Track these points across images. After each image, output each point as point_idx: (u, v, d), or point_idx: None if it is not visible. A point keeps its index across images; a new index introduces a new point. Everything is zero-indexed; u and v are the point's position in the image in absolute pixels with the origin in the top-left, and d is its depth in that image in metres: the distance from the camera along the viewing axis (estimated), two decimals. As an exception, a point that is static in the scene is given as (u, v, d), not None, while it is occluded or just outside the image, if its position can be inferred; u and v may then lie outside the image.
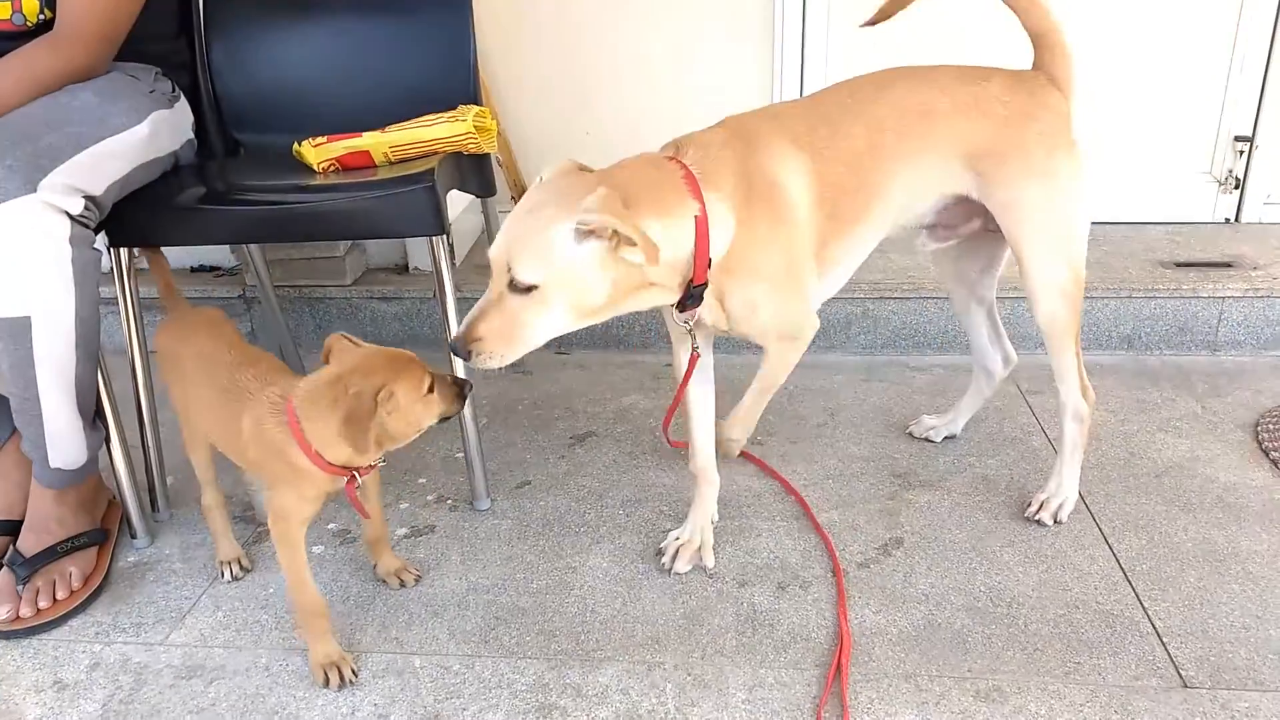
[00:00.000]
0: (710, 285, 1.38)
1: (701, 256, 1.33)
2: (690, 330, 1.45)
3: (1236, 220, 2.66)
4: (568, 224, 1.24)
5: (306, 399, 1.31)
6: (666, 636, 1.45)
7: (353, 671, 1.40)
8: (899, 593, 1.53)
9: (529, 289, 1.27)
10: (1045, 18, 1.52)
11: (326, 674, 1.38)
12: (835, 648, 1.41)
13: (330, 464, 1.32)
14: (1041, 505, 1.69)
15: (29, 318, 1.39)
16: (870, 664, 1.39)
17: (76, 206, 1.41)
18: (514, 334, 1.31)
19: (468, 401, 1.44)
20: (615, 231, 1.22)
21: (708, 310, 1.43)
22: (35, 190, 1.35)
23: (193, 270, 2.67)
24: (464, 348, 1.30)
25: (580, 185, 1.29)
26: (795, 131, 1.44)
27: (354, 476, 1.36)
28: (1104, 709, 1.29)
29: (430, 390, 1.33)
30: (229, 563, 1.63)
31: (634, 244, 1.22)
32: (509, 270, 1.27)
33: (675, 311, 1.42)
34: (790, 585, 1.56)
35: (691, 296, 1.38)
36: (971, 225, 1.62)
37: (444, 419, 1.39)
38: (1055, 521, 1.67)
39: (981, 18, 1.99)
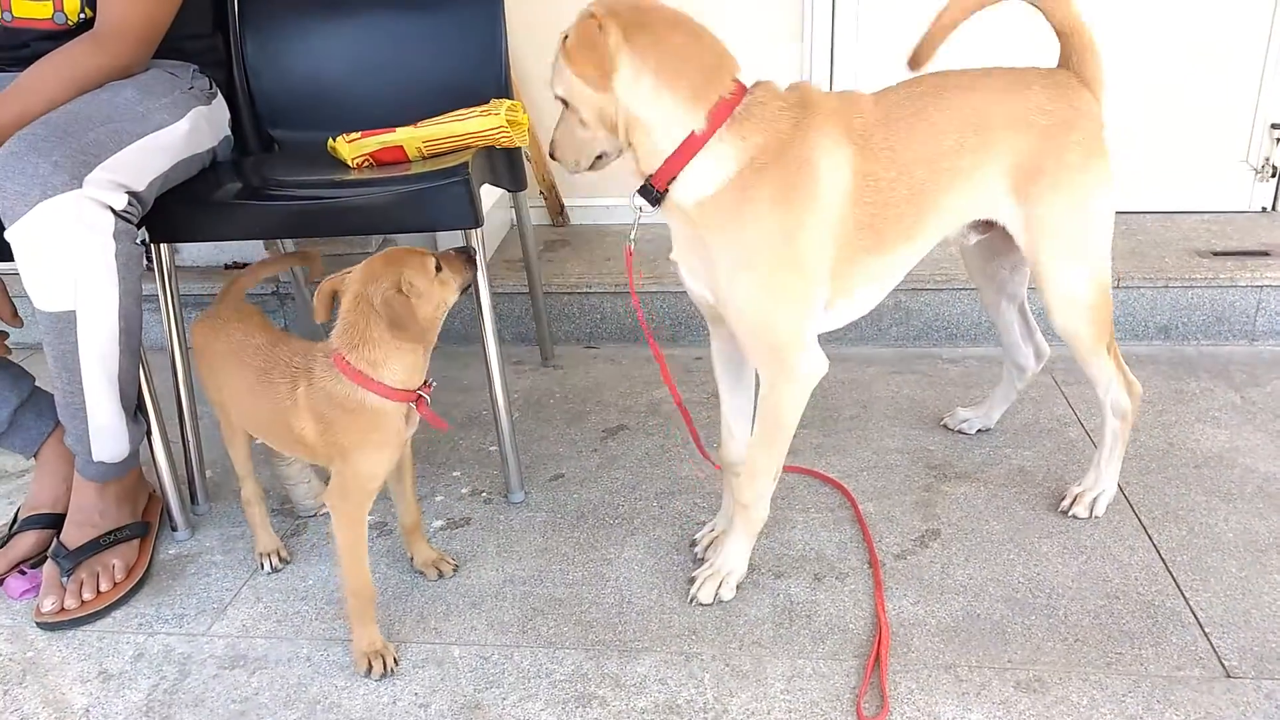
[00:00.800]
0: (696, 221, 1.34)
1: (669, 166, 1.31)
2: (638, 210, 1.42)
3: (1273, 209, 2.63)
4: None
5: (347, 340, 1.34)
6: (703, 627, 1.46)
7: (395, 661, 1.41)
8: (937, 584, 1.52)
9: (565, 102, 1.38)
10: (1072, 14, 1.47)
11: (370, 662, 1.40)
12: (873, 638, 1.41)
13: (396, 389, 1.35)
14: (1076, 499, 1.67)
15: (74, 312, 1.41)
16: (909, 655, 1.38)
17: (120, 202, 1.43)
18: (567, 141, 1.42)
19: (481, 273, 1.51)
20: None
21: (685, 256, 1.43)
22: (81, 186, 1.37)
23: (226, 267, 2.70)
24: (553, 154, 1.47)
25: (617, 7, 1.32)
26: (852, 121, 1.35)
27: (422, 398, 1.40)
28: (1146, 699, 1.28)
29: (439, 269, 1.39)
30: (268, 554, 1.65)
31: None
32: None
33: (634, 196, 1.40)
34: (826, 576, 1.56)
35: (645, 191, 1.36)
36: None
37: (464, 290, 1.45)
38: (1092, 515, 1.66)
39: (1004, 14, 1.98)
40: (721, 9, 2.61)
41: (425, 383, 1.41)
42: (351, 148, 1.76)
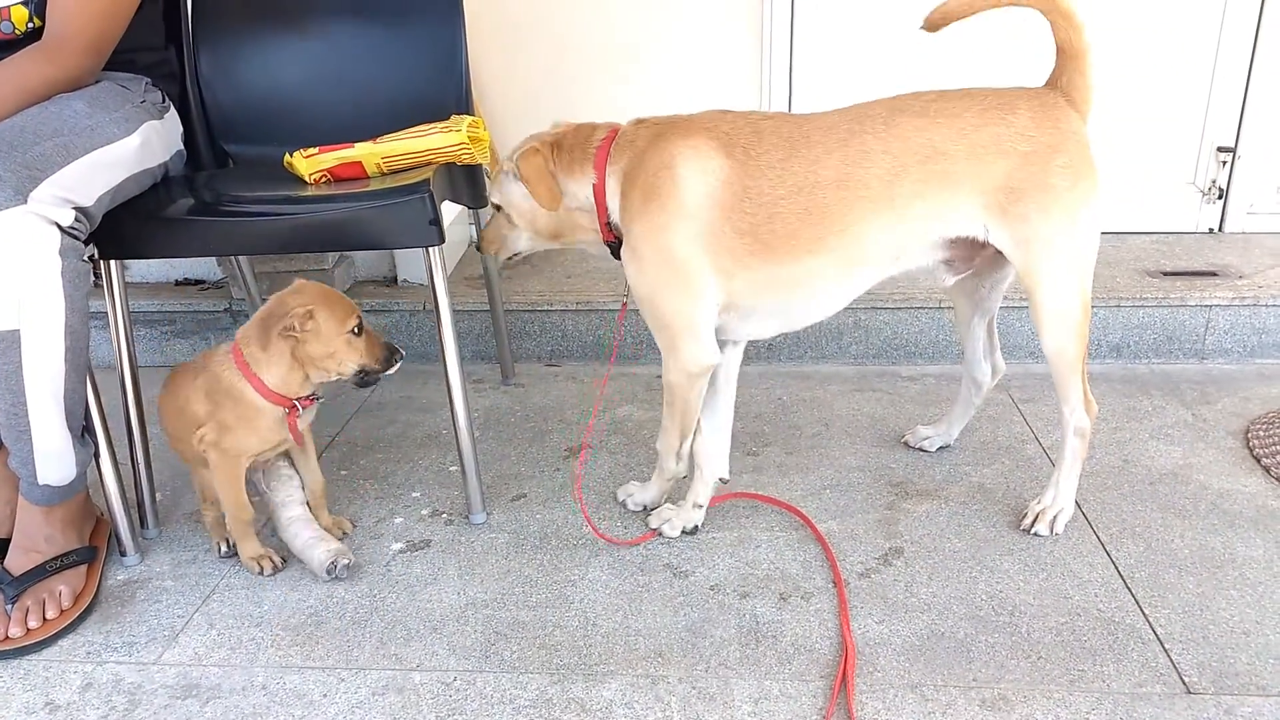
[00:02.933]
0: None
1: (598, 215, 1.60)
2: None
3: (1220, 230, 2.70)
4: (509, 164, 1.62)
5: (247, 333, 1.54)
6: (669, 649, 1.44)
7: (281, 560, 1.64)
8: (901, 602, 1.53)
9: (499, 208, 1.68)
10: (1078, 37, 1.47)
11: (259, 563, 1.62)
12: (839, 658, 1.41)
13: (273, 391, 1.53)
14: (1037, 517, 1.68)
15: (18, 331, 1.37)
16: (875, 674, 1.38)
17: (67, 218, 1.38)
18: (497, 239, 1.71)
19: (395, 368, 1.61)
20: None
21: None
22: (25, 201, 1.33)
23: (177, 284, 2.64)
24: (479, 245, 1.77)
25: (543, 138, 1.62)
26: (733, 136, 1.51)
27: (295, 407, 1.57)
28: (1109, 716, 1.29)
29: (356, 334, 1.54)
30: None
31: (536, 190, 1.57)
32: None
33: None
34: (792, 596, 1.55)
35: (612, 247, 1.63)
36: (987, 253, 1.59)
37: (365, 377, 1.58)
38: (1052, 533, 1.67)
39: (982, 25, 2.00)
40: (684, 21, 2.64)
41: (310, 396, 1.59)
42: (309, 163, 1.73)
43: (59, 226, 1.37)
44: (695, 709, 1.33)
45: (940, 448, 1.97)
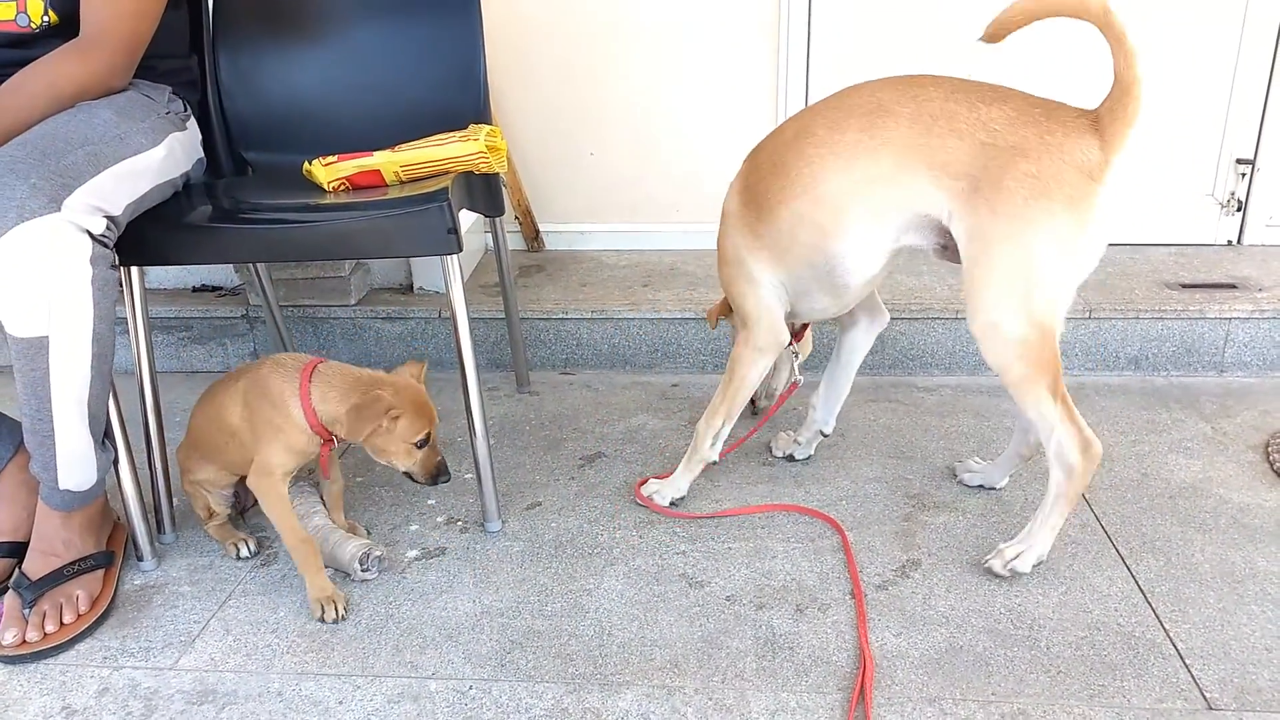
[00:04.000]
0: None
1: None
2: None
3: (1238, 242, 2.68)
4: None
5: (329, 373, 1.57)
6: (685, 660, 1.44)
7: (345, 608, 1.56)
8: (919, 615, 1.52)
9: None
10: (1128, 66, 1.36)
11: (323, 606, 1.54)
12: (857, 671, 1.40)
13: (315, 419, 1.56)
14: (997, 553, 1.60)
15: (47, 338, 1.37)
16: (893, 687, 1.37)
17: (99, 226, 1.39)
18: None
19: (438, 484, 1.63)
20: None
21: None
22: (59, 209, 1.33)
23: (194, 290, 2.66)
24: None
25: None
26: (755, 145, 1.69)
27: (333, 441, 1.59)
28: (1131, 732, 1.28)
29: (420, 446, 1.58)
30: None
31: None
32: None
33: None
34: (808, 608, 1.54)
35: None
36: None
37: (410, 475, 1.61)
38: (1007, 571, 1.57)
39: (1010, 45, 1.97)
40: (699, 30, 2.64)
41: (343, 440, 1.60)
42: (328, 171, 1.74)
43: (90, 234, 1.38)
44: (712, 720, 1.32)
45: (979, 485, 1.87)
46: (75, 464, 1.50)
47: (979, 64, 2.46)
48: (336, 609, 1.54)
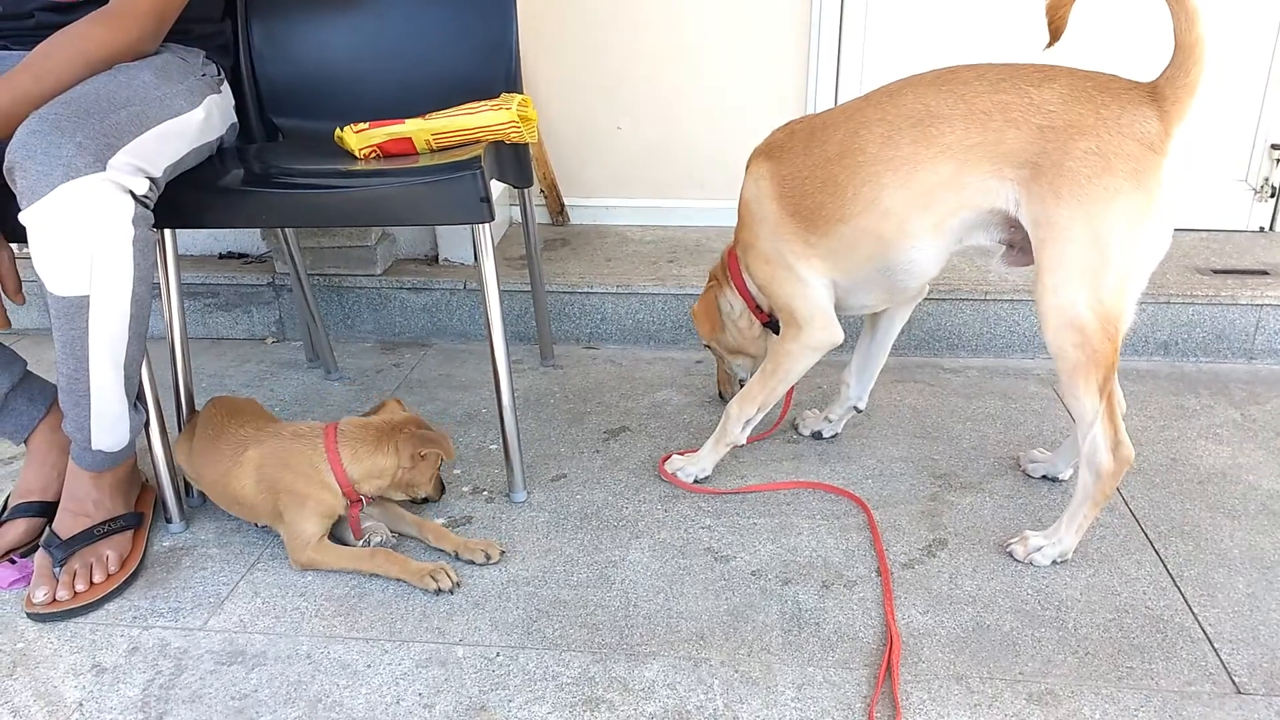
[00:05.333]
0: None
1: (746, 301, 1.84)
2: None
3: (1271, 229, 2.64)
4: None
5: (350, 432, 1.61)
6: (711, 633, 1.44)
7: (452, 573, 1.55)
8: (945, 594, 1.51)
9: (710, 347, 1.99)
10: (1190, 27, 1.30)
11: (435, 579, 1.53)
12: (883, 648, 1.40)
13: (347, 481, 1.58)
14: (1022, 539, 1.59)
15: (88, 297, 1.37)
16: (920, 665, 1.37)
17: (142, 187, 1.39)
18: (726, 378, 2.07)
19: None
20: None
21: None
22: (104, 169, 1.33)
23: (220, 257, 2.66)
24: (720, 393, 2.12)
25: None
26: (774, 141, 1.68)
27: (361, 502, 1.62)
28: (1159, 714, 1.28)
29: (432, 478, 1.68)
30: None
31: None
32: None
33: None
34: (834, 584, 1.54)
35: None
36: None
37: (427, 498, 1.71)
38: (1029, 561, 1.57)
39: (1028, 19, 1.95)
40: (729, 3, 2.61)
41: (371, 499, 1.65)
42: (359, 138, 1.73)
43: (133, 195, 1.38)
44: (738, 692, 1.32)
45: (1043, 476, 1.82)
46: (109, 424, 1.51)
47: (1016, 28, 2.44)
48: (448, 576, 1.53)
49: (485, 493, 1.82)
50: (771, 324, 1.82)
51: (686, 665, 1.38)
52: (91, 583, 1.53)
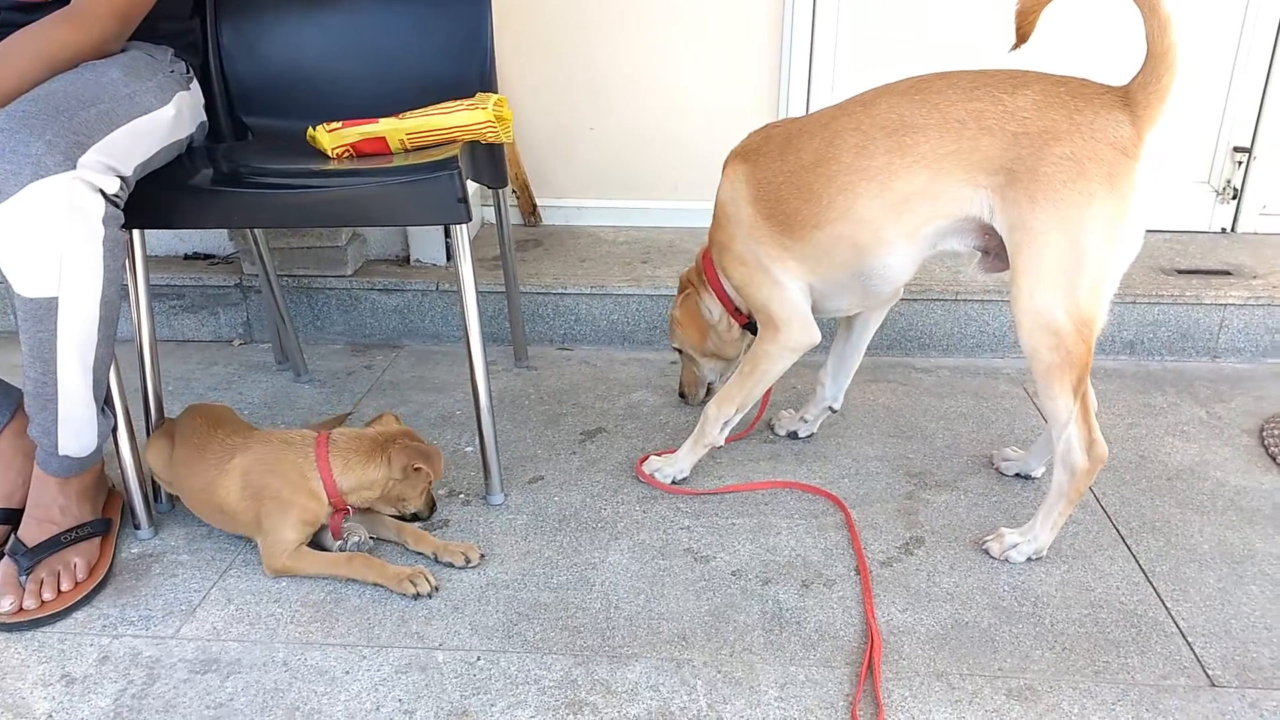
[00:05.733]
0: None
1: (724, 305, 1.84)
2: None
3: (1233, 230, 2.70)
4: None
5: (342, 443, 1.58)
6: (693, 633, 1.44)
7: (430, 577, 1.53)
8: (924, 591, 1.52)
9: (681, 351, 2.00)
10: (1161, 34, 1.32)
11: (413, 583, 1.51)
12: (864, 646, 1.40)
13: (335, 490, 1.55)
14: (998, 536, 1.61)
15: (56, 299, 1.34)
16: (900, 662, 1.38)
17: (112, 185, 1.36)
18: (694, 381, 2.03)
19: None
20: None
21: None
22: (74, 167, 1.30)
23: (186, 258, 2.62)
24: (682, 395, 2.08)
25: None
26: (750, 144, 1.69)
27: (346, 511, 1.60)
28: (1135, 707, 1.29)
29: (423, 493, 1.65)
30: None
31: None
32: None
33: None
34: (814, 583, 1.55)
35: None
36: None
37: (416, 515, 1.68)
38: (1004, 558, 1.58)
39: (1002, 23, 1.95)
40: (703, 7, 2.62)
41: (351, 509, 1.61)
42: (332, 137, 1.71)
43: (103, 194, 1.35)
44: (721, 692, 1.32)
45: (1016, 474, 1.84)
46: (76, 429, 1.48)
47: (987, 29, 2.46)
48: (427, 580, 1.52)
49: (462, 495, 1.80)
50: (750, 326, 1.82)
51: (669, 666, 1.37)
52: (59, 591, 1.49)
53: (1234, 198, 2.65)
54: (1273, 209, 2.66)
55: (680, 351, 1.97)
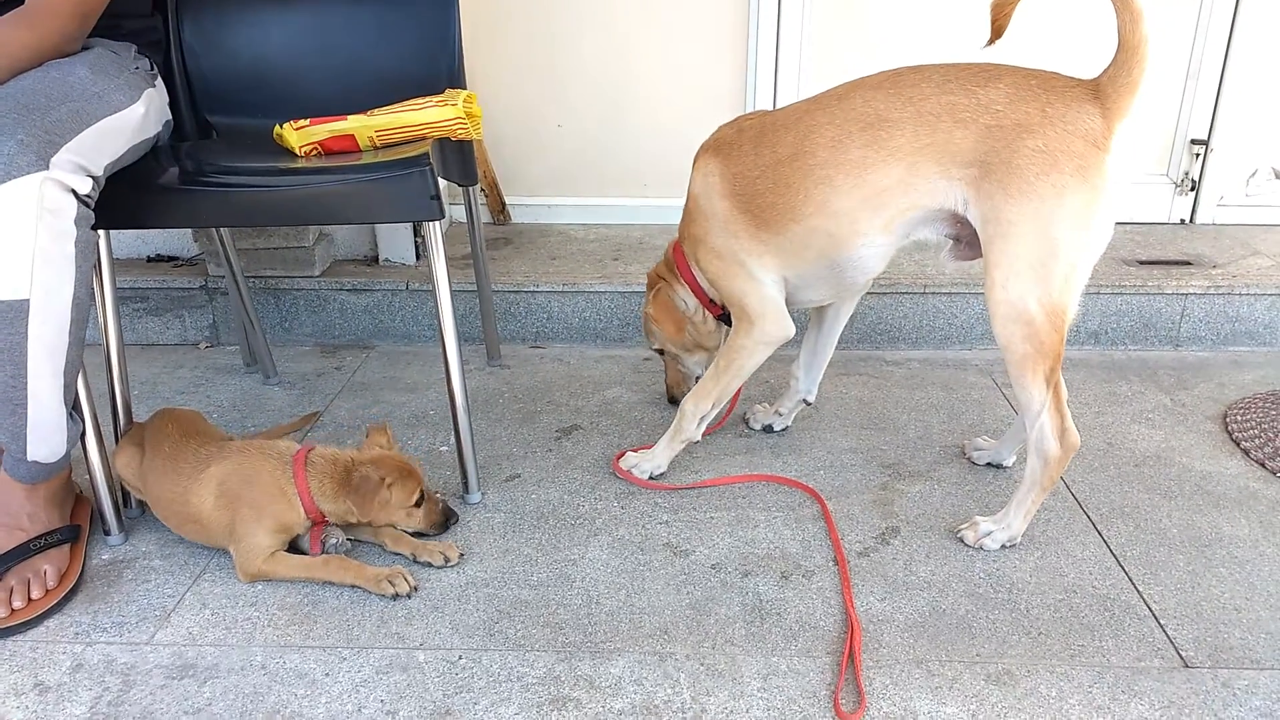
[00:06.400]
0: None
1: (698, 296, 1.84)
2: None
3: (1191, 221, 2.75)
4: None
5: (319, 461, 1.55)
6: (675, 627, 1.44)
7: (409, 577, 1.52)
8: (901, 580, 1.54)
9: (662, 353, 2.02)
10: (1134, 27, 1.33)
11: (392, 584, 1.50)
12: (845, 635, 1.41)
13: (314, 506, 1.54)
14: (972, 524, 1.63)
15: (28, 301, 1.32)
16: (880, 650, 1.39)
17: (84, 186, 1.34)
18: (679, 378, 2.04)
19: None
20: None
21: None
22: (47, 167, 1.28)
23: (149, 260, 2.58)
24: (670, 396, 2.08)
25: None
26: (722, 137, 1.69)
27: (325, 523, 1.58)
28: (1111, 689, 1.31)
29: (418, 505, 1.59)
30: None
31: None
32: None
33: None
34: (793, 574, 1.56)
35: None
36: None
37: (420, 532, 1.63)
38: (979, 546, 1.60)
39: (975, 19, 1.97)
40: (670, 3, 2.62)
41: (328, 524, 1.59)
42: (300, 135, 1.69)
43: (75, 194, 1.33)
44: (705, 685, 1.33)
45: (988, 463, 1.86)
46: (45, 434, 1.45)
47: (954, 24, 2.49)
48: (405, 580, 1.51)
49: (439, 494, 1.78)
50: (724, 316, 1.83)
51: (652, 660, 1.37)
52: (30, 599, 1.46)
53: (1192, 189, 2.71)
54: (1230, 200, 2.72)
55: (661, 353, 1.97)
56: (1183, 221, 2.75)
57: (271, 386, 2.24)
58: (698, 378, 1.96)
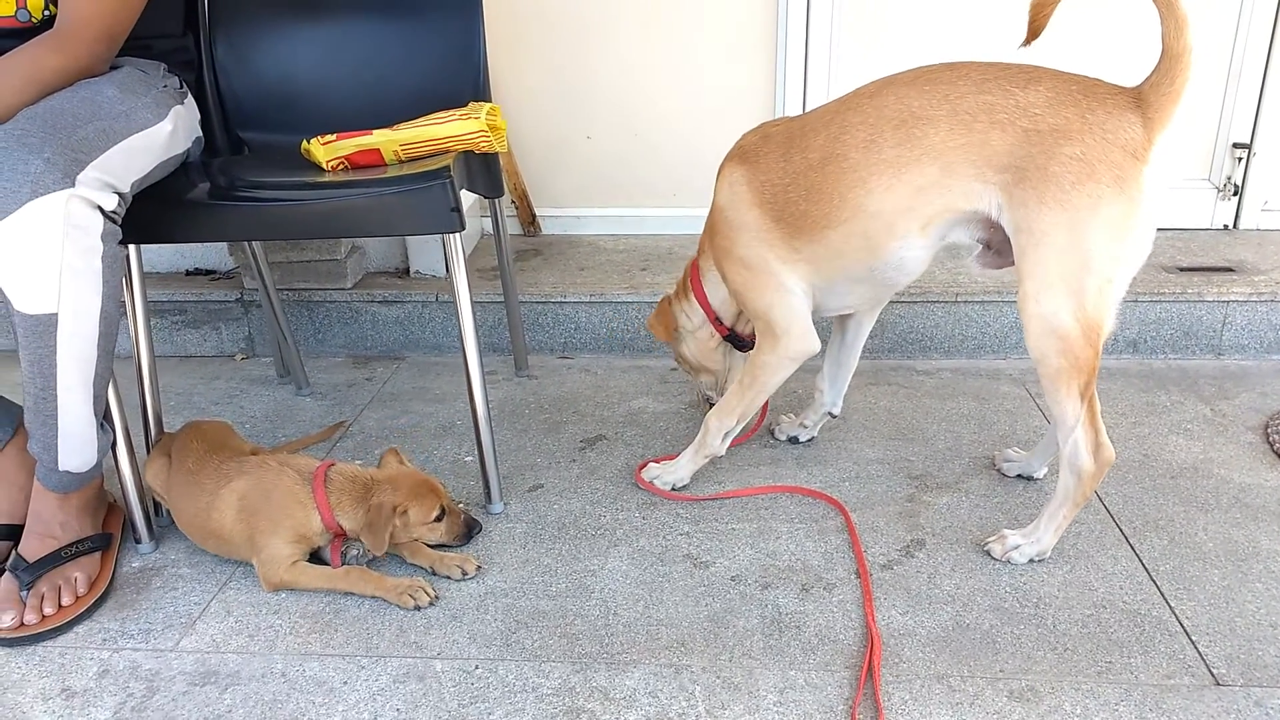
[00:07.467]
0: None
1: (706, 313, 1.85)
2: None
3: (1234, 227, 2.68)
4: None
5: (338, 479, 1.57)
6: (692, 639, 1.43)
7: (430, 588, 1.54)
8: (924, 594, 1.52)
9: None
10: (1178, 35, 1.29)
11: (412, 596, 1.51)
12: (864, 649, 1.39)
13: (333, 520, 1.56)
14: (1000, 537, 1.60)
15: (56, 315, 1.35)
16: (901, 665, 1.37)
17: (111, 202, 1.37)
18: (701, 398, 2.04)
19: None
20: None
21: None
22: (73, 185, 1.31)
23: (188, 274, 2.63)
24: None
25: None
26: (747, 145, 1.67)
27: (344, 536, 1.59)
28: (1139, 707, 1.28)
29: (439, 519, 1.60)
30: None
31: None
32: None
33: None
34: (814, 587, 1.54)
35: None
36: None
37: (445, 545, 1.64)
38: (1006, 559, 1.58)
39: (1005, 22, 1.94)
40: (698, 15, 2.62)
41: (348, 536, 1.60)
42: (326, 150, 1.72)
43: (102, 211, 1.36)
44: (720, 698, 1.32)
45: (1018, 475, 1.83)
46: (76, 445, 1.48)
47: (984, 24, 2.46)
48: (425, 592, 1.52)
49: (462, 504, 1.79)
50: (730, 337, 1.82)
51: (668, 672, 1.37)
52: (60, 606, 1.50)
53: (1235, 194, 2.64)
54: (1274, 205, 2.65)
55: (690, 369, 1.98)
56: (1225, 227, 2.68)
57: (303, 397, 2.27)
58: (708, 396, 1.96)
